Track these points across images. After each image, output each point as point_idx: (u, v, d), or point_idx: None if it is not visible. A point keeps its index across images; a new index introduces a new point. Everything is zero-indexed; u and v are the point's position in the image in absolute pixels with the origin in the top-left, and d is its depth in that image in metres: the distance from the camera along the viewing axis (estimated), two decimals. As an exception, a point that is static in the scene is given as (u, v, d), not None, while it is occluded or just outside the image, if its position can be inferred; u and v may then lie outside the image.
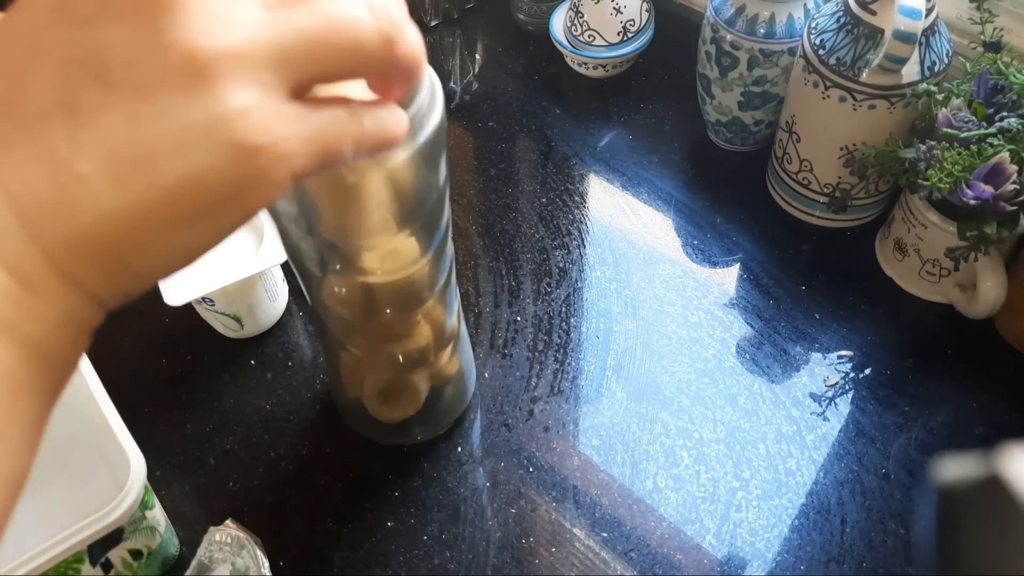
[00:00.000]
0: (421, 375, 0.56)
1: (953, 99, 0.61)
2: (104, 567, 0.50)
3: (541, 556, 0.56)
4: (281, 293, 0.68)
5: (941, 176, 0.56)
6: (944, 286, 0.67)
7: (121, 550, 0.50)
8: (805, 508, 0.57)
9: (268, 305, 0.66)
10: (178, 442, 0.62)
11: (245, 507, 0.59)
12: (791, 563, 0.55)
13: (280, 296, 0.67)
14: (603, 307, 0.69)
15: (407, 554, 0.56)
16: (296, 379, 0.65)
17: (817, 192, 0.71)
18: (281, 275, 0.67)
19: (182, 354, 0.67)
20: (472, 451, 0.61)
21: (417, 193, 0.43)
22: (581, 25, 0.82)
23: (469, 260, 0.72)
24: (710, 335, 0.67)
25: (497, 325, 0.68)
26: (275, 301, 0.67)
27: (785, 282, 0.70)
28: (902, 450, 0.60)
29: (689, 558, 0.56)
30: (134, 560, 0.52)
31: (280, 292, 0.67)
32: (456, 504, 0.59)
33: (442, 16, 0.93)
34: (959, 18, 0.67)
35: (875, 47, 0.61)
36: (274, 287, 0.66)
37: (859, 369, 0.64)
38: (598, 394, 0.64)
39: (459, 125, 0.84)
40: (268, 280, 0.65)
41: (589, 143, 0.81)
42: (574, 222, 0.75)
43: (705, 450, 0.60)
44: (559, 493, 0.59)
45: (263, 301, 0.65)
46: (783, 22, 0.68)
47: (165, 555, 0.55)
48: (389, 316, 0.50)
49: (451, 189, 0.79)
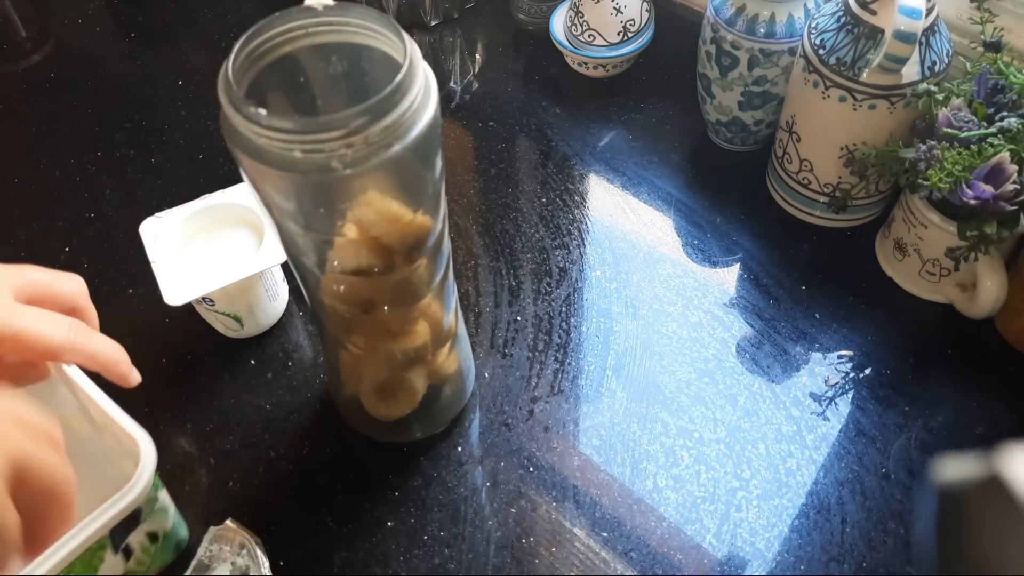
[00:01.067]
0: (418, 373, 0.56)
1: (953, 99, 0.61)
2: (125, 553, 0.50)
3: (541, 556, 0.56)
4: (281, 293, 0.68)
5: (941, 176, 0.56)
6: (944, 286, 0.67)
7: (139, 534, 0.51)
8: (805, 508, 0.57)
9: (268, 305, 0.66)
10: (178, 442, 0.62)
11: (245, 507, 0.59)
12: (791, 563, 0.55)
13: (280, 296, 0.68)
14: (603, 307, 0.69)
15: (407, 554, 0.56)
16: (296, 379, 0.65)
17: (817, 192, 0.71)
18: (281, 275, 0.67)
19: (182, 354, 0.67)
20: (472, 451, 0.61)
21: (412, 188, 0.43)
22: (581, 25, 0.82)
23: (469, 260, 0.72)
24: (710, 335, 0.67)
25: (497, 325, 0.68)
26: (275, 301, 0.67)
27: (785, 282, 0.70)
28: (902, 450, 0.60)
29: (689, 558, 0.56)
30: (151, 544, 0.52)
31: (280, 292, 0.67)
32: (456, 504, 0.59)
33: (442, 16, 0.93)
34: (959, 18, 0.67)
35: (875, 47, 0.61)
36: (274, 287, 0.66)
37: (859, 369, 0.64)
38: (598, 394, 0.64)
39: (459, 125, 0.84)
40: (268, 280, 0.65)
41: (589, 143, 0.81)
42: (574, 222, 0.75)
43: (705, 450, 0.60)
44: (559, 493, 0.59)
45: (263, 301, 0.65)
46: (783, 22, 0.68)
47: (178, 538, 0.55)
48: (386, 313, 0.50)
49: (451, 189, 0.79)
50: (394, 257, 0.46)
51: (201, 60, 0.92)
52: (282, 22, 0.42)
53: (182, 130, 0.84)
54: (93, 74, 0.91)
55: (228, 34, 0.95)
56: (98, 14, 0.98)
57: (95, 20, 0.97)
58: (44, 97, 0.88)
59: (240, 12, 0.98)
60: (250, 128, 0.38)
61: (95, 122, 0.85)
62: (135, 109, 0.86)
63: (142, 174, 0.80)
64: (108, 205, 0.78)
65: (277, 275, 0.66)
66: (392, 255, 0.46)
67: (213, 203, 0.64)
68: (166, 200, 0.76)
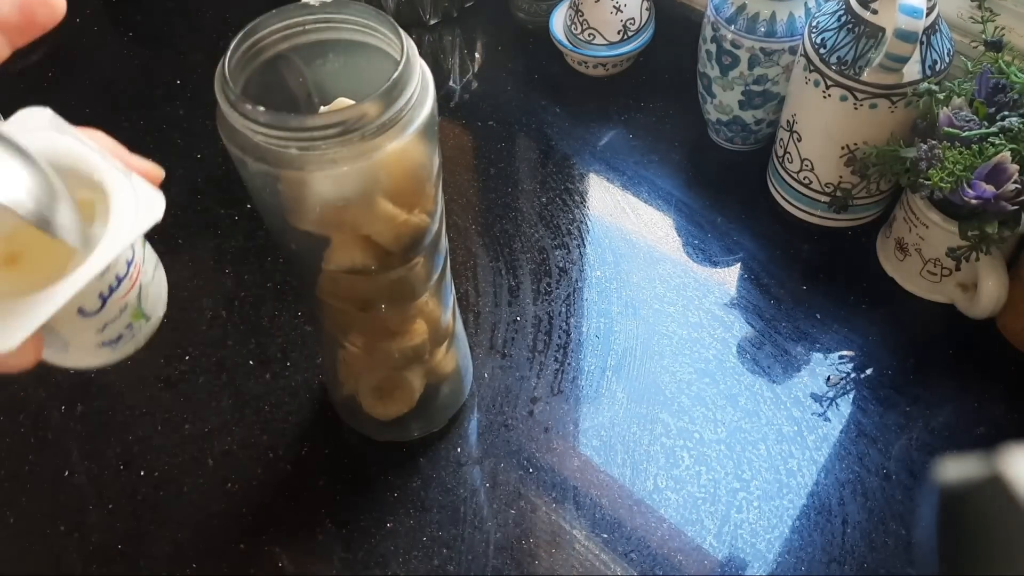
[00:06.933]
0: (416, 372, 0.56)
1: (954, 98, 0.60)
2: None
3: (541, 557, 0.56)
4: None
5: (942, 175, 0.56)
6: (945, 286, 0.66)
7: None
8: (806, 509, 0.57)
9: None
10: (176, 443, 0.62)
11: (244, 508, 0.59)
12: (792, 564, 0.55)
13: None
14: (603, 307, 0.68)
15: (406, 555, 0.56)
16: (295, 380, 0.65)
17: (818, 191, 0.70)
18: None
19: (180, 354, 0.67)
20: (471, 452, 0.61)
21: (408, 184, 0.43)
22: (581, 24, 0.82)
23: (468, 260, 0.72)
24: (711, 335, 0.66)
25: (496, 325, 0.68)
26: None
27: (786, 282, 0.69)
28: (903, 450, 0.60)
29: (690, 559, 0.55)
30: None
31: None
32: (455, 505, 0.58)
33: (441, 15, 0.93)
34: (960, 17, 0.66)
35: (876, 46, 0.61)
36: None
37: (860, 369, 0.64)
38: (598, 394, 0.63)
39: (458, 124, 0.84)
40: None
41: (589, 142, 0.81)
42: (574, 222, 0.74)
43: (706, 451, 0.60)
44: (559, 494, 0.59)
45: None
46: (784, 21, 0.68)
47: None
48: (383, 311, 0.50)
49: (450, 188, 0.79)
50: (389, 256, 0.46)
51: (198, 59, 0.92)
52: (279, 19, 0.42)
53: (180, 129, 0.84)
54: (90, 73, 0.90)
55: (226, 33, 0.95)
56: (96, 13, 0.97)
57: (93, 19, 0.97)
58: (41, 97, 0.87)
59: (238, 11, 0.98)
60: (247, 126, 0.38)
61: (93, 122, 0.84)
62: (133, 108, 0.86)
63: (141, 174, 0.80)
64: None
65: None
66: (387, 254, 0.45)
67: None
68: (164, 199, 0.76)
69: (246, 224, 0.75)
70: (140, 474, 0.61)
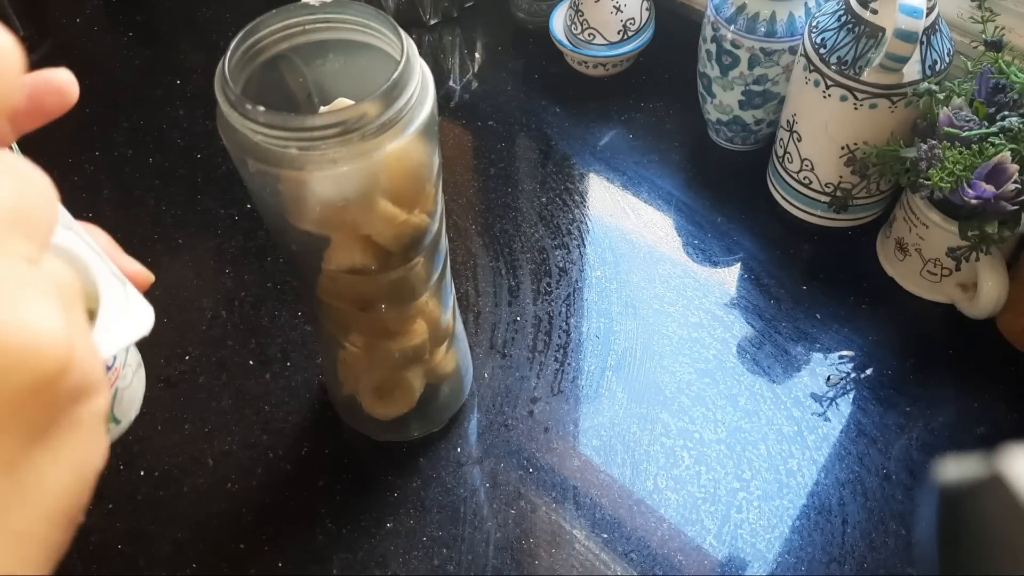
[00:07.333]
0: (416, 372, 0.56)
1: (954, 98, 0.60)
2: None
3: (541, 557, 0.56)
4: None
5: (942, 175, 0.56)
6: (945, 286, 0.66)
7: None
8: (806, 509, 0.57)
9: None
10: (176, 443, 0.62)
11: (244, 508, 0.59)
12: (792, 564, 0.55)
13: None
14: (603, 307, 0.68)
15: (406, 555, 0.56)
16: (295, 379, 0.65)
17: (818, 191, 0.70)
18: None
19: (179, 354, 0.67)
20: (471, 452, 0.61)
21: (408, 184, 0.43)
22: (581, 24, 0.82)
23: (468, 260, 0.72)
24: (711, 335, 0.66)
25: (497, 325, 0.68)
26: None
27: (786, 282, 0.69)
28: (903, 450, 0.60)
29: (690, 559, 0.55)
30: None
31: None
32: (455, 505, 0.58)
33: (441, 15, 0.93)
34: (960, 17, 0.66)
35: (876, 46, 0.61)
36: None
37: (860, 369, 0.64)
38: (598, 394, 0.63)
39: (458, 124, 0.83)
40: None
41: (589, 142, 0.81)
42: (574, 222, 0.74)
43: (706, 451, 0.60)
44: (559, 494, 0.59)
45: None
46: (784, 21, 0.68)
47: None
48: (384, 311, 0.50)
49: (450, 188, 0.79)
50: (389, 256, 0.46)
51: (199, 59, 0.92)
52: (279, 19, 0.42)
53: (180, 129, 0.84)
54: (91, 73, 0.90)
55: (226, 33, 0.95)
56: (96, 13, 0.97)
57: (93, 19, 0.97)
58: (43, 97, 0.87)
59: (237, 11, 0.98)
60: (247, 125, 0.38)
61: (93, 122, 0.85)
62: (133, 108, 0.86)
63: (140, 174, 0.80)
64: (106, 205, 0.77)
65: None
66: (387, 254, 0.45)
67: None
68: (164, 199, 0.76)
69: (246, 224, 0.75)
70: (140, 474, 0.61)
